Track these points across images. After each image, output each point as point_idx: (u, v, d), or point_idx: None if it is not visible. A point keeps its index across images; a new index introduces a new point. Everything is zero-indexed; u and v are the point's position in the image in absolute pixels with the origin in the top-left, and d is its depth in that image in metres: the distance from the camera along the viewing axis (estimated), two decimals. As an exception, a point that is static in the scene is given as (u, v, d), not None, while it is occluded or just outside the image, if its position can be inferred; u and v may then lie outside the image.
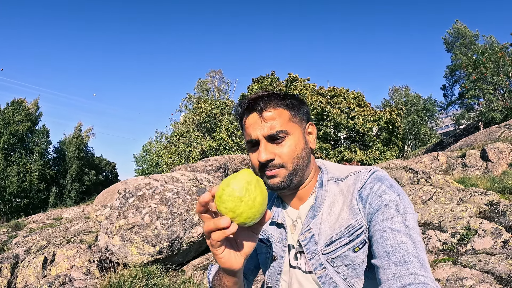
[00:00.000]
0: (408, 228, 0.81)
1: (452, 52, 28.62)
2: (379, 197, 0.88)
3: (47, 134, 31.32)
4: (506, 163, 6.31)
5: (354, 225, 0.90)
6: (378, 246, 0.82)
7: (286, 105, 0.96)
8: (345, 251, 0.91)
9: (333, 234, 0.92)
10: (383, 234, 0.82)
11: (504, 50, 13.21)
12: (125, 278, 2.46)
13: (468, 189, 4.49)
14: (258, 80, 26.28)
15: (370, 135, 19.62)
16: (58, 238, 4.45)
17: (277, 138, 0.93)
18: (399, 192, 0.88)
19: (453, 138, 15.41)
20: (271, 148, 0.93)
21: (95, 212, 4.16)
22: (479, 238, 2.66)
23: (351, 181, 0.95)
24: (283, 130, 0.92)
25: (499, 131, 8.71)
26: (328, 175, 1.01)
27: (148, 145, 33.71)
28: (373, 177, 0.92)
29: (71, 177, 32.06)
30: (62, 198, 30.98)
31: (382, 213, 0.85)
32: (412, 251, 0.77)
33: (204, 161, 7.53)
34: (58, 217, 9.21)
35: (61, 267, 3.27)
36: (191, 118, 17.08)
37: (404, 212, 0.85)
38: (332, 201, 0.96)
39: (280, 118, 0.93)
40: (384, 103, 36.17)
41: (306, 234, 0.97)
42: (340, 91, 21.51)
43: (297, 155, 0.94)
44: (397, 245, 0.78)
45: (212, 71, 36.15)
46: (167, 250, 3.54)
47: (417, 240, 0.80)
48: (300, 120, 0.98)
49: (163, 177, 4.48)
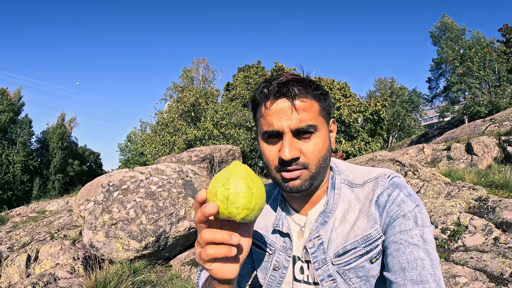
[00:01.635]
0: (426, 243, 0.76)
1: (439, 45, 28.91)
2: (397, 206, 0.81)
3: (30, 124, 30.51)
4: (491, 157, 6.41)
5: (373, 235, 0.82)
6: (393, 259, 0.77)
7: (317, 96, 0.83)
8: (361, 262, 0.84)
9: (347, 243, 0.84)
10: (399, 247, 0.77)
11: (491, 45, 13.41)
12: (111, 276, 2.36)
13: (455, 183, 4.51)
14: (244, 69, 26.08)
15: (355, 125, 19.79)
16: (41, 234, 4.30)
17: (305, 133, 0.82)
18: (418, 202, 0.82)
19: (437, 131, 15.64)
20: (297, 144, 0.81)
21: (78, 207, 4.02)
22: (469, 234, 2.65)
23: (370, 188, 0.87)
24: (313, 125, 0.81)
25: (484, 125, 8.84)
26: (341, 176, 0.92)
27: (133, 134, 33.20)
28: (391, 183, 0.85)
29: (54, 168, 31.41)
30: (45, 189, 30.38)
31: (400, 224, 0.79)
32: (429, 269, 0.73)
33: (190, 152, 7.41)
34: (42, 210, 9.00)
35: (45, 265, 3.14)
36: (175, 107, 16.82)
37: (422, 225, 0.79)
38: (347, 208, 0.88)
39: (311, 110, 0.82)
40: (370, 94, 36.47)
41: (315, 241, 0.88)
42: (326, 81, 21.58)
43: (322, 156, 0.84)
44: (414, 261, 0.74)
45: (197, 59, 35.70)
46: (153, 246, 3.44)
47: (434, 256, 0.75)
48: (328, 115, 0.87)
49: (148, 169, 4.36)
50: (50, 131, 32.86)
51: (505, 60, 13.21)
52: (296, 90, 0.80)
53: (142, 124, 31.56)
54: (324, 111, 0.86)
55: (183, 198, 3.86)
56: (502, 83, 12.55)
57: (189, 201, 3.89)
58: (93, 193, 4.20)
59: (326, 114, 0.86)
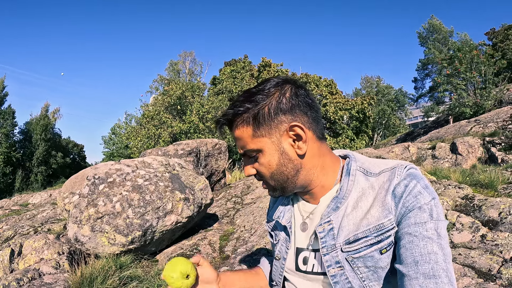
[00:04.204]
0: (440, 237, 0.76)
1: (426, 46, 29.39)
2: (414, 197, 0.80)
3: (13, 115, 29.77)
4: (475, 157, 6.53)
5: (386, 225, 0.81)
6: (406, 251, 0.76)
7: (246, 121, 0.85)
8: (371, 252, 0.82)
9: (358, 231, 0.83)
10: (413, 239, 0.76)
11: (480, 48, 13.71)
12: (97, 271, 2.29)
13: (441, 181, 4.58)
14: (230, 63, 25.95)
15: (340, 123, 19.91)
16: (24, 228, 4.17)
17: (250, 157, 0.89)
18: (434, 195, 0.81)
19: (422, 130, 15.91)
20: (252, 162, 0.90)
21: (63, 200, 3.91)
22: (457, 231, 2.69)
23: (386, 177, 0.85)
24: (250, 150, 0.86)
25: (469, 126, 9.01)
26: (356, 163, 0.91)
27: (117, 126, 32.65)
28: (408, 173, 0.84)
29: (37, 160, 30.75)
30: (28, 182, 29.76)
31: (415, 216, 0.78)
32: (442, 264, 0.73)
33: (176, 145, 7.31)
34: (25, 203, 8.80)
35: (29, 260, 3.04)
36: (161, 100, 16.60)
37: (437, 219, 0.78)
38: (360, 195, 0.86)
39: (243, 138, 0.87)
40: (356, 92, 36.79)
41: (325, 226, 0.87)
42: (312, 78, 21.62)
43: (274, 172, 0.87)
44: (427, 255, 0.74)
45: (184, 52, 35.31)
46: (139, 240, 3.38)
47: (447, 251, 0.75)
48: (269, 130, 0.84)
49: (135, 162, 4.27)
50: (34, 122, 32.15)
51: (492, 63, 13.51)
52: (227, 128, 0.89)
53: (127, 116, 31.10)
54: (262, 129, 0.85)
55: (170, 192, 3.80)
56: (488, 85, 12.83)
57: (176, 195, 3.83)
58: (78, 185, 4.09)
59: (266, 130, 0.85)
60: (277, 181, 0.88)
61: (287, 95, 0.84)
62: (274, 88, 0.85)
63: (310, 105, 0.87)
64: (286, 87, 0.86)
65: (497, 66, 13.98)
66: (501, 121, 8.04)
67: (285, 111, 0.83)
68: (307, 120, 0.86)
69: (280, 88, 0.85)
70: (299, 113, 0.85)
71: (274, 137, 0.84)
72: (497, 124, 8.22)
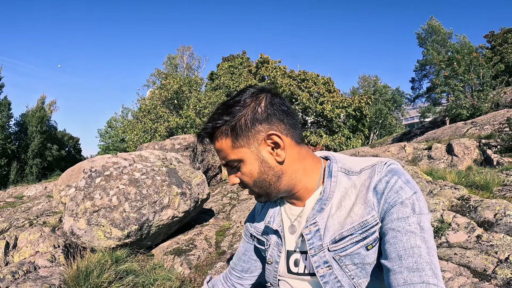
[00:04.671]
0: (423, 231, 0.77)
1: (424, 47, 29.49)
2: (395, 193, 0.81)
3: (9, 106, 29.55)
4: (471, 159, 6.57)
5: (370, 222, 0.83)
6: (390, 246, 0.78)
7: (225, 133, 0.87)
8: (357, 249, 0.84)
9: (343, 230, 0.85)
10: (396, 234, 0.78)
11: (479, 51, 13.76)
12: (93, 265, 2.28)
13: (437, 181, 4.60)
14: (228, 59, 25.88)
15: (337, 121, 19.94)
16: (20, 220, 4.14)
17: (232, 167, 0.91)
18: (416, 190, 0.82)
19: (419, 130, 15.98)
20: (235, 172, 0.92)
21: (59, 192, 3.88)
22: (453, 231, 2.70)
23: (367, 175, 0.87)
24: (231, 160, 0.89)
25: (466, 128, 9.05)
26: (337, 164, 0.93)
27: (114, 120, 32.48)
28: (388, 169, 0.85)
29: (32, 152, 30.55)
30: (23, 174, 29.58)
31: (397, 211, 0.80)
32: (425, 257, 0.74)
33: (173, 140, 7.29)
34: (20, 195, 8.74)
35: (24, 253, 3.01)
36: (158, 94, 16.54)
37: (419, 213, 0.80)
38: (343, 195, 0.88)
39: (223, 149, 0.89)
40: (353, 90, 36.82)
41: (311, 228, 0.89)
42: (310, 75, 21.62)
43: (256, 180, 0.89)
44: (411, 249, 0.75)
45: (183, 46, 35.16)
46: (135, 234, 3.37)
47: (430, 244, 0.76)
48: (248, 140, 0.86)
49: (132, 155, 4.25)
50: (30, 114, 31.91)
51: (491, 66, 13.59)
52: (207, 140, 0.91)
53: (123, 109, 30.95)
54: (241, 139, 0.87)
55: (167, 186, 3.79)
56: (486, 88, 12.89)
57: (173, 190, 3.82)
58: (74, 178, 4.07)
59: (245, 141, 0.87)
60: (261, 188, 0.91)
61: (262, 104, 0.86)
62: (249, 98, 0.86)
63: (286, 112, 0.88)
64: (261, 96, 0.87)
65: (495, 69, 14.05)
66: (498, 124, 8.08)
67: (261, 121, 0.85)
68: (284, 127, 0.88)
69: (255, 98, 0.87)
70: (276, 121, 0.86)
71: (253, 147, 0.87)
72: (493, 126, 8.26)
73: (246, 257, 1.19)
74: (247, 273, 1.20)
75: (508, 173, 4.68)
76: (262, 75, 22.29)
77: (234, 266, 1.22)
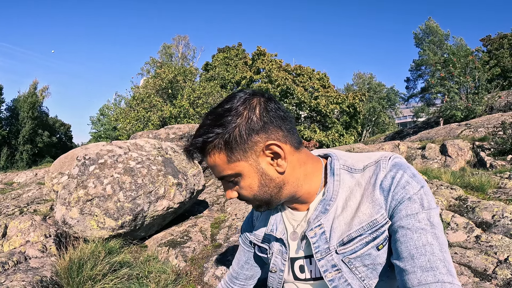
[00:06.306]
0: (434, 226, 0.74)
1: (421, 47, 29.60)
2: (402, 188, 0.78)
3: (0, 91, 28.98)
4: (464, 160, 6.61)
5: (379, 221, 0.79)
6: (401, 245, 0.75)
7: (218, 147, 0.79)
8: (368, 250, 0.80)
9: (351, 231, 0.81)
10: (406, 232, 0.75)
11: (476, 54, 13.84)
12: (86, 256, 2.21)
13: (432, 181, 4.61)
14: (224, 50, 25.72)
15: (331, 116, 19.97)
16: (10, 208, 4.02)
17: (229, 181, 0.85)
18: (422, 184, 0.79)
19: (412, 130, 16.07)
20: (233, 186, 0.86)
21: (51, 180, 3.78)
22: (452, 231, 2.70)
23: (371, 172, 0.83)
24: (227, 175, 0.82)
25: (460, 129, 9.10)
26: (339, 161, 0.88)
27: (106, 107, 32.09)
28: (393, 164, 0.81)
29: (23, 138, 30.14)
30: (13, 160, 29.18)
31: (406, 208, 0.76)
32: (438, 254, 0.71)
33: (167, 129, 7.21)
34: (9, 182, 8.58)
35: (15, 243, 2.91)
36: (152, 83, 16.38)
37: (428, 207, 0.76)
38: (348, 194, 0.83)
39: (218, 165, 0.81)
40: (347, 87, 36.88)
41: (316, 230, 0.85)
42: (306, 70, 21.62)
43: (256, 193, 0.83)
44: (423, 247, 0.72)
45: (178, 36, 34.83)
46: (129, 225, 3.30)
47: (442, 240, 0.74)
48: (244, 153, 0.79)
49: (127, 144, 4.16)
50: (21, 100, 31.45)
51: (487, 69, 13.68)
52: (199, 155, 0.83)
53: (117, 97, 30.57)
54: (236, 152, 0.79)
55: (162, 176, 3.72)
56: (481, 91, 12.99)
57: (169, 180, 3.75)
58: (67, 166, 3.97)
59: (241, 154, 0.79)
60: (261, 200, 0.86)
61: (257, 112, 0.78)
62: (242, 106, 0.78)
63: (282, 118, 0.81)
64: (254, 102, 0.79)
65: (491, 73, 14.17)
66: (492, 127, 8.13)
67: (257, 130, 0.78)
68: (283, 135, 0.81)
69: (248, 105, 0.78)
70: (273, 129, 0.79)
71: (251, 159, 0.80)
72: (487, 129, 8.32)
73: (248, 265, 1.16)
74: (251, 279, 1.19)
75: (502, 176, 4.70)
76: (258, 68, 22.21)
77: (237, 275, 1.18)
